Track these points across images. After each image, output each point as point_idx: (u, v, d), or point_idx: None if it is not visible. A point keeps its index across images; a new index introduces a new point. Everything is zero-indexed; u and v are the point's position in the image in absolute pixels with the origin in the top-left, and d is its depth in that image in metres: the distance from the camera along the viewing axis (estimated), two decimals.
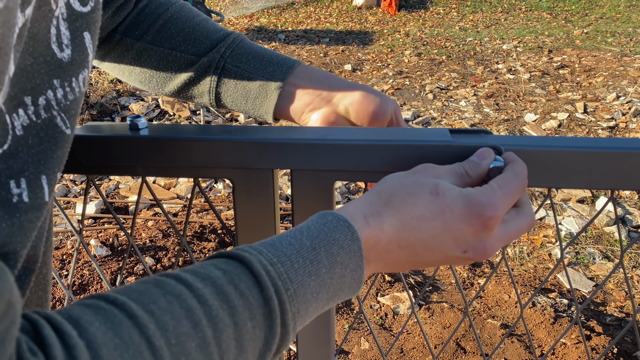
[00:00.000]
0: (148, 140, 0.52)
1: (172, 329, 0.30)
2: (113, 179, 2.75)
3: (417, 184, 0.41)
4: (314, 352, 0.62)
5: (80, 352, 0.27)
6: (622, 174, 0.49)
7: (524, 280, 1.97)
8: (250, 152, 0.51)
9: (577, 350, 1.59)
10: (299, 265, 0.36)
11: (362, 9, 7.62)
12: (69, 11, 0.37)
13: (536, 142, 0.49)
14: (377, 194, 0.41)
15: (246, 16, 7.32)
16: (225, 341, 0.32)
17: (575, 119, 3.58)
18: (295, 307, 0.35)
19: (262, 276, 0.34)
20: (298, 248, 0.36)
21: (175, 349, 0.30)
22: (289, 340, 0.35)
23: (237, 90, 0.59)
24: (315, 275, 0.36)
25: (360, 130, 0.52)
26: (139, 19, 0.61)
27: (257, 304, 0.34)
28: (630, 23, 6.30)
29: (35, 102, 0.35)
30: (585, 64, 4.78)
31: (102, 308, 0.30)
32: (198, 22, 0.61)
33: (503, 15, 7.14)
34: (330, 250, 0.37)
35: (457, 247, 0.40)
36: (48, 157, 0.36)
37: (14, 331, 0.25)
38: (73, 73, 0.38)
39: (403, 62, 5.13)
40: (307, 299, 0.36)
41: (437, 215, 0.39)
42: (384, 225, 0.39)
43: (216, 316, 0.32)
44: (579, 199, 2.50)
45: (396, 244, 0.39)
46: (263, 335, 0.34)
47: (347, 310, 1.81)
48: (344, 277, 0.37)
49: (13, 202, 0.32)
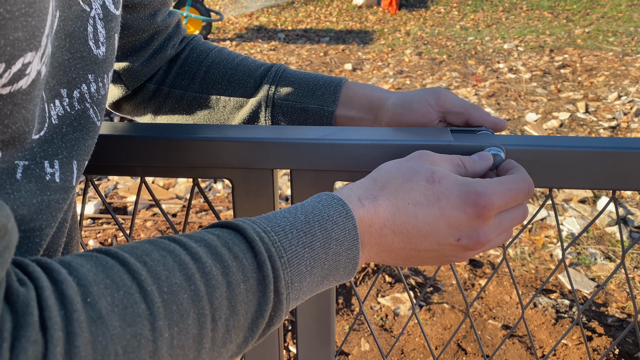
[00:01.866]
0: (147, 140, 0.52)
1: (164, 278, 0.30)
2: (112, 179, 2.75)
3: (413, 170, 0.41)
4: (314, 353, 0.62)
5: (68, 286, 0.26)
6: (623, 174, 0.48)
7: (525, 281, 1.96)
8: (249, 152, 0.51)
9: (578, 352, 1.58)
10: (293, 237, 0.35)
11: (362, 8, 7.61)
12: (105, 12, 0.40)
13: (537, 142, 0.49)
14: (372, 180, 0.41)
15: (246, 15, 7.31)
16: (217, 299, 0.32)
17: (577, 118, 3.57)
18: (288, 276, 0.35)
19: (256, 241, 0.34)
20: (292, 221, 0.36)
21: (167, 297, 0.30)
22: (283, 311, 0.35)
23: (292, 121, 0.61)
24: (309, 247, 0.36)
25: (360, 130, 0.52)
26: (184, 69, 0.63)
27: (250, 268, 0.33)
28: (632, 22, 6.30)
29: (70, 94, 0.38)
30: (587, 63, 4.77)
31: (93, 256, 0.30)
32: (238, 62, 0.62)
33: (504, 15, 7.13)
34: (325, 226, 0.37)
35: (451, 235, 0.40)
36: (80, 145, 0.38)
37: (7, 257, 0.25)
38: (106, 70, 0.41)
39: (404, 62, 5.12)
40: (301, 270, 0.35)
41: (433, 202, 0.40)
42: (379, 208, 0.39)
43: (209, 272, 0.32)
44: (581, 199, 2.50)
45: (391, 228, 0.39)
46: (256, 300, 0.33)
47: (348, 311, 1.80)
48: (339, 255, 0.37)
49: (45, 180, 0.35)
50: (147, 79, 0.63)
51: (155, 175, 0.55)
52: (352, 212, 0.38)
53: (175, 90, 0.63)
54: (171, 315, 0.29)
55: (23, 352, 0.23)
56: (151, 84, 0.63)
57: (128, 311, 0.28)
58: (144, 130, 0.53)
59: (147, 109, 0.64)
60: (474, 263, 2.07)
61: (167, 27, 0.60)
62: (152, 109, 0.64)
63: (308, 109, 0.60)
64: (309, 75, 0.61)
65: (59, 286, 0.26)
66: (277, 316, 0.35)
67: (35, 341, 0.24)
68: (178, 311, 0.30)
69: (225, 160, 0.52)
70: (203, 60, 0.63)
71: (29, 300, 0.25)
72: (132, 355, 0.27)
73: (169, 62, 0.63)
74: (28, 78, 0.30)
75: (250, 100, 0.61)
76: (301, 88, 0.60)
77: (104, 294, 0.27)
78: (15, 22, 0.27)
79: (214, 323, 0.31)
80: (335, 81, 0.60)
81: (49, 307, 0.25)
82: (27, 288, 0.25)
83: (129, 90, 0.62)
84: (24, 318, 0.24)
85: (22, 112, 0.31)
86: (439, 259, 0.42)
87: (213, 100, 0.62)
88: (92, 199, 2.51)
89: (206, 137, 0.51)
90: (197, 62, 0.63)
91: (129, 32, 0.56)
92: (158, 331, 0.28)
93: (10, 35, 0.27)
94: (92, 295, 0.27)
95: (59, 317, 0.25)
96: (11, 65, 0.28)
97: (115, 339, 0.27)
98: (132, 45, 0.58)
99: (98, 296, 0.27)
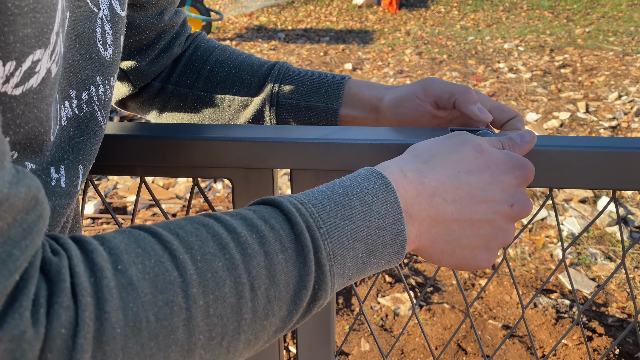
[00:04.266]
0: (147, 139, 0.52)
1: (197, 247, 0.29)
2: (111, 179, 2.75)
3: (459, 143, 0.41)
4: (314, 353, 0.62)
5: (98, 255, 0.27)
6: (624, 174, 0.48)
7: (526, 281, 1.96)
8: (249, 152, 0.51)
9: (578, 352, 1.58)
10: (331, 209, 0.34)
11: (362, 8, 7.61)
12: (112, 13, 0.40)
13: (538, 142, 0.49)
14: (414, 156, 0.40)
15: (245, 15, 7.31)
16: (255, 267, 0.30)
17: (577, 118, 3.57)
18: (329, 247, 0.33)
19: (292, 213, 0.33)
20: (329, 194, 0.35)
21: (200, 265, 0.29)
22: (327, 284, 0.33)
23: (297, 120, 0.61)
24: (349, 220, 0.34)
25: (360, 130, 0.52)
26: (188, 68, 0.63)
27: (288, 238, 0.32)
28: (632, 22, 6.29)
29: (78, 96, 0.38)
30: (587, 63, 4.77)
31: (126, 230, 0.30)
32: (242, 60, 0.62)
33: (504, 14, 7.12)
34: (364, 199, 0.35)
35: (504, 200, 0.40)
36: (87, 149, 0.38)
37: (42, 226, 0.25)
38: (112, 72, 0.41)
39: (404, 61, 5.12)
40: (343, 243, 0.34)
41: (484, 168, 0.40)
42: (425, 179, 0.38)
43: (245, 242, 0.31)
44: (581, 199, 2.49)
45: (442, 197, 0.38)
46: (297, 271, 0.32)
47: (348, 311, 1.80)
48: (382, 230, 0.35)
49: (51, 186, 0.35)
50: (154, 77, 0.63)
51: (155, 175, 0.55)
52: (392, 185, 0.37)
53: (180, 88, 0.63)
54: (206, 282, 0.28)
55: (57, 318, 0.24)
56: (156, 82, 0.63)
57: (159, 278, 0.27)
58: (143, 130, 0.53)
59: (153, 106, 0.64)
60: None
61: (174, 25, 0.60)
62: (158, 106, 0.64)
63: (312, 107, 0.59)
64: (312, 73, 0.61)
65: (89, 255, 0.27)
66: (321, 290, 0.33)
67: (67, 307, 0.24)
68: (213, 279, 0.29)
69: (225, 160, 0.51)
70: (207, 59, 0.62)
71: (61, 267, 0.25)
72: (164, 322, 0.27)
73: (173, 60, 0.63)
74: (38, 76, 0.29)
75: (254, 100, 0.61)
76: (304, 86, 0.60)
77: (135, 262, 0.27)
78: (24, 18, 0.26)
79: (253, 292, 0.30)
80: (339, 79, 0.60)
81: (78, 274, 0.25)
82: (60, 257, 0.26)
83: (136, 88, 0.62)
84: (57, 285, 0.25)
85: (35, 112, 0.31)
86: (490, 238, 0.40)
87: (218, 99, 0.62)
88: (92, 198, 2.51)
89: (206, 136, 0.51)
90: (201, 60, 0.63)
91: (136, 31, 0.56)
92: (192, 298, 0.28)
93: (20, 31, 0.27)
94: (122, 263, 0.27)
95: (89, 283, 0.25)
96: (22, 63, 0.28)
97: (146, 305, 0.26)
98: (139, 44, 0.58)
99: (129, 264, 0.27)
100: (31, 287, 0.24)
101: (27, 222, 0.24)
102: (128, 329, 0.25)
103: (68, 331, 0.24)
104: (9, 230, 0.23)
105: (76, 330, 0.24)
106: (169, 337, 0.27)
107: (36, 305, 0.24)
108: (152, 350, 0.26)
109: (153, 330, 0.26)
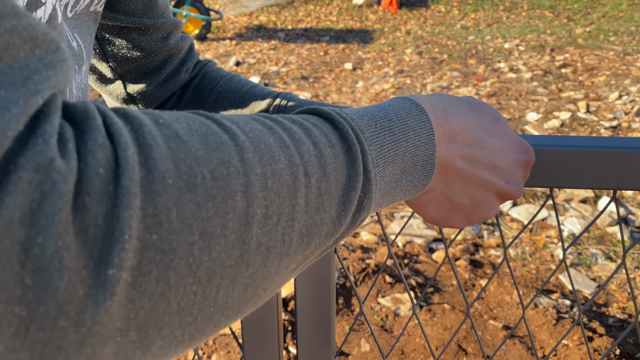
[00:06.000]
0: None
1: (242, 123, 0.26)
2: None
3: (478, 103, 0.40)
4: (314, 354, 0.62)
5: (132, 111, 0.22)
6: (624, 174, 0.48)
7: (526, 281, 1.96)
8: None
9: (579, 352, 1.58)
10: (370, 119, 0.32)
11: (362, 7, 7.61)
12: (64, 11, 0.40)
13: (538, 142, 0.49)
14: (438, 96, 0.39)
15: (245, 14, 7.31)
16: (306, 153, 0.27)
17: (578, 118, 3.56)
18: (374, 152, 0.31)
19: (333, 115, 0.30)
20: (364, 109, 0.33)
21: (251, 135, 0.25)
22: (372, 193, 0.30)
23: None
24: (389, 131, 0.32)
25: None
26: (195, 96, 0.63)
27: (333, 136, 0.29)
28: (633, 22, 6.29)
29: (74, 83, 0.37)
30: (588, 62, 4.77)
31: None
32: (247, 90, 0.63)
33: (505, 14, 7.12)
34: (400, 113, 0.34)
35: (506, 174, 0.39)
36: None
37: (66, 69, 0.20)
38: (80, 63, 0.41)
39: (404, 61, 5.12)
40: (385, 154, 0.32)
41: (497, 136, 0.39)
42: (451, 120, 0.37)
43: (290, 129, 0.28)
44: (582, 199, 2.49)
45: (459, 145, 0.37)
46: (345, 170, 0.29)
47: (348, 311, 1.80)
48: (417, 149, 0.34)
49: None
50: (161, 104, 0.64)
51: None
52: (422, 107, 0.35)
53: None
54: (261, 152, 0.25)
55: (91, 155, 0.19)
56: (166, 108, 0.64)
57: (210, 138, 0.23)
58: None
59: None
60: (474, 263, 2.07)
61: (180, 50, 0.61)
62: None
63: None
64: (314, 103, 0.62)
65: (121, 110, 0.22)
66: (366, 198, 0.30)
67: (102, 144, 0.19)
68: (268, 151, 0.25)
69: None
70: (213, 88, 0.63)
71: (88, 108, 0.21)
72: (221, 182, 0.22)
73: (182, 88, 0.64)
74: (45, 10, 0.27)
75: None
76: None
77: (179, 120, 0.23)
78: None
79: (307, 178, 0.27)
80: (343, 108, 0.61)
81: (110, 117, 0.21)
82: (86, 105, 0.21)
83: None
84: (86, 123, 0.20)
85: None
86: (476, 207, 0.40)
87: None
88: None
89: None
90: (207, 89, 0.64)
91: (142, 54, 0.57)
92: (249, 164, 0.24)
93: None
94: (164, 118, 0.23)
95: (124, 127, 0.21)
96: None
97: (199, 160, 0.22)
98: (145, 68, 0.59)
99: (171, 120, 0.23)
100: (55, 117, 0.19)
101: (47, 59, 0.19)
102: (182, 181, 0.21)
103: (107, 172, 0.19)
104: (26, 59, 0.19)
105: (118, 171, 0.19)
106: (226, 202, 0.22)
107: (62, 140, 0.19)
108: (210, 213, 0.22)
109: (210, 189, 0.22)
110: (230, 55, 5.40)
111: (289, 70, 4.84)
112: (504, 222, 2.36)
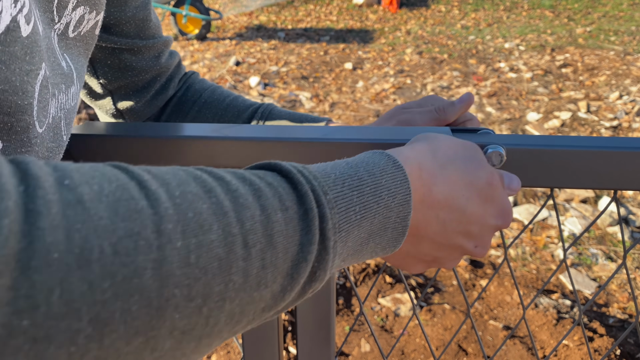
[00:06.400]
0: (146, 139, 0.52)
1: (175, 184, 0.23)
2: None
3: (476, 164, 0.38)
4: (314, 354, 0.62)
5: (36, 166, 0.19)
6: (625, 174, 0.48)
7: (527, 281, 1.96)
8: (249, 152, 0.51)
9: (579, 352, 1.58)
10: (337, 177, 0.29)
11: (362, 7, 7.61)
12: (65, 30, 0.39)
13: (539, 142, 0.49)
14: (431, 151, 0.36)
15: (245, 14, 7.31)
16: (249, 220, 0.24)
17: (578, 118, 3.56)
18: (336, 217, 0.28)
19: (294, 173, 0.28)
20: (332, 165, 0.31)
21: (179, 202, 0.22)
22: (328, 264, 0.28)
23: None
24: (357, 190, 0.30)
25: (360, 130, 0.52)
26: (177, 109, 0.64)
27: (289, 198, 0.27)
28: (633, 22, 6.28)
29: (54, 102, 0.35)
30: (588, 62, 4.77)
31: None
32: (229, 102, 0.63)
33: (505, 14, 7.12)
34: (372, 171, 0.31)
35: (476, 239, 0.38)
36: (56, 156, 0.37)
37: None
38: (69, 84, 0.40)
39: (404, 61, 5.12)
40: (350, 217, 0.29)
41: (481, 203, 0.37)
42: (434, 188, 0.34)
43: (236, 191, 0.25)
44: (582, 199, 2.49)
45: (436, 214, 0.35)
46: (298, 237, 0.26)
47: (348, 311, 1.80)
48: (390, 210, 0.31)
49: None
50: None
51: None
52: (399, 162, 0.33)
53: None
54: (186, 222, 0.22)
55: None
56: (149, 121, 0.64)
57: (122, 204, 0.20)
58: (142, 130, 0.53)
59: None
60: (474, 263, 2.06)
61: (169, 67, 0.62)
62: None
63: None
64: (295, 115, 0.62)
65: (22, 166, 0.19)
66: (320, 269, 0.27)
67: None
68: (196, 220, 0.22)
69: (224, 160, 0.51)
70: (196, 101, 0.64)
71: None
72: (125, 258, 0.19)
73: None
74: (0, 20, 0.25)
75: None
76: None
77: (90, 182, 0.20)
78: None
79: (247, 250, 0.24)
80: (322, 120, 0.61)
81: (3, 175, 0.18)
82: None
83: None
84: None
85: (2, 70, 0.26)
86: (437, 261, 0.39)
87: None
88: None
89: (205, 136, 0.51)
90: (190, 101, 0.64)
91: (133, 73, 0.58)
92: (166, 235, 0.21)
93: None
94: (72, 179, 0.20)
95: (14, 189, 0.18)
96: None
97: (100, 231, 0.19)
98: (135, 86, 0.60)
99: (80, 182, 0.20)
100: None
101: None
102: (71, 256, 0.18)
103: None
104: None
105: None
106: (130, 281, 0.19)
107: None
108: (106, 294, 0.19)
109: (108, 266, 0.19)
110: (230, 55, 5.40)
111: (289, 70, 4.84)
112: None
